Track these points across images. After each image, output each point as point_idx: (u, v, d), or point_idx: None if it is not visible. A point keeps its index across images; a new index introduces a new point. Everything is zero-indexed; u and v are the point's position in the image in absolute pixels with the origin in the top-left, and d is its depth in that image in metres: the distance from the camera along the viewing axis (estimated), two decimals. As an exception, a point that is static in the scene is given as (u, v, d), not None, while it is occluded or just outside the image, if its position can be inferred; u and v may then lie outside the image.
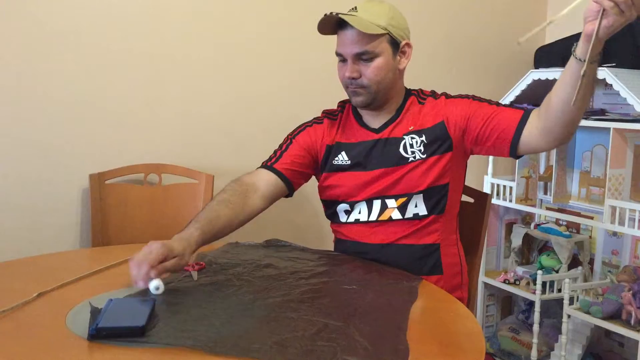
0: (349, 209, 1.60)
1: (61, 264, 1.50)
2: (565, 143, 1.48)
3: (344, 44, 1.51)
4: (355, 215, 1.59)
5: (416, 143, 1.54)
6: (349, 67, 1.51)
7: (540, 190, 2.55)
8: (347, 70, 1.51)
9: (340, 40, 1.52)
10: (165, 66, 2.04)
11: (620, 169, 2.14)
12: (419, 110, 1.59)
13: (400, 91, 1.61)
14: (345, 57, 1.52)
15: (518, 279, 2.48)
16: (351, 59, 1.50)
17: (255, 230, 2.15)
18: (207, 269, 1.41)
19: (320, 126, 1.65)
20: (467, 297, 1.65)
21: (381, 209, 1.56)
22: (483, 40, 2.67)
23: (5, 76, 1.82)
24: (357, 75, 1.51)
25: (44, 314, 1.14)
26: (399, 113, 1.59)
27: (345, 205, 1.60)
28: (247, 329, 1.06)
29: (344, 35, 1.50)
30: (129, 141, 2.01)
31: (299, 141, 1.64)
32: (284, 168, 1.60)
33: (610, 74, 2.12)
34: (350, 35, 1.49)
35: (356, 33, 1.47)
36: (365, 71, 1.51)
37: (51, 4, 1.85)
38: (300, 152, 1.62)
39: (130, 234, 1.94)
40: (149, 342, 1.00)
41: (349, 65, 1.51)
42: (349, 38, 1.49)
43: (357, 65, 1.51)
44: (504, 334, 2.60)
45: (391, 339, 1.03)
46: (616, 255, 2.37)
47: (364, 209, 1.58)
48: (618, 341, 2.37)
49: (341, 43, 1.52)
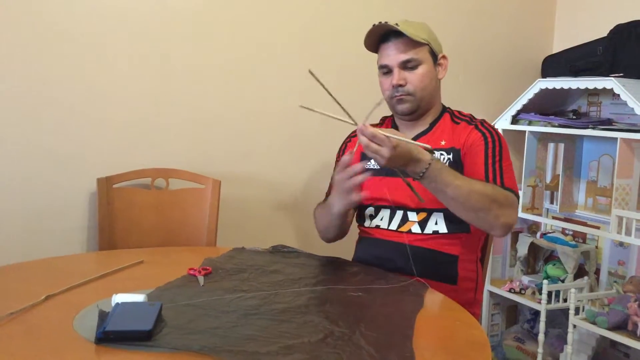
0: (373, 213, 1.66)
1: (69, 267, 1.51)
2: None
3: (389, 55, 1.60)
4: (377, 221, 1.64)
5: (443, 159, 1.58)
6: (396, 75, 1.59)
7: (546, 200, 2.55)
8: (394, 78, 1.59)
9: (385, 53, 1.61)
10: (174, 71, 2.05)
11: (627, 179, 2.14)
12: (452, 128, 1.64)
13: (438, 105, 1.69)
14: (391, 67, 1.60)
15: (524, 288, 2.47)
16: (397, 68, 1.59)
17: (262, 236, 2.16)
18: (213, 274, 1.42)
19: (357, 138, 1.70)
20: (479, 314, 1.66)
21: (402, 220, 1.60)
22: (490, 49, 2.67)
23: (13, 80, 1.83)
24: (404, 82, 1.59)
25: (51, 317, 1.15)
26: (432, 126, 1.66)
27: (371, 209, 1.66)
28: (254, 334, 1.06)
29: (389, 46, 1.60)
30: (136, 146, 2.02)
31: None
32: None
33: (618, 84, 2.12)
34: (396, 45, 1.59)
35: (402, 42, 1.58)
36: (410, 78, 1.59)
37: (61, 7, 1.87)
38: None
39: (137, 238, 1.95)
40: (156, 346, 1.00)
41: (396, 73, 1.59)
42: (395, 48, 1.59)
43: (403, 74, 1.59)
44: (509, 343, 2.59)
45: (397, 347, 1.03)
46: (622, 265, 2.36)
47: (386, 216, 1.63)
48: (624, 352, 2.36)
49: (386, 55, 1.61)
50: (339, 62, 2.26)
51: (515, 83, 2.67)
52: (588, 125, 2.31)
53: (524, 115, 2.49)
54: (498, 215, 1.44)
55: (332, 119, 1.38)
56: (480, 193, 1.43)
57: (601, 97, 2.51)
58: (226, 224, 2.08)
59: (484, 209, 1.43)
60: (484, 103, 2.67)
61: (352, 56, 2.16)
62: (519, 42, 2.74)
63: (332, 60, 2.27)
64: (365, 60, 1.76)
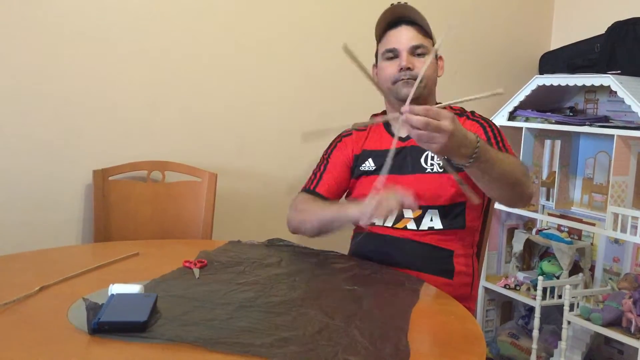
0: None
1: (63, 259, 1.50)
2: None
3: (399, 39, 1.60)
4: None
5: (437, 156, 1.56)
6: (405, 58, 1.59)
7: (542, 196, 2.55)
8: (403, 59, 1.58)
9: (394, 37, 1.61)
10: (171, 64, 2.05)
11: (623, 176, 2.14)
12: None
13: (433, 101, 1.67)
14: (399, 50, 1.59)
15: (519, 284, 2.48)
16: (406, 52, 1.59)
17: (257, 229, 2.16)
18: (208, 266, 1.42)
19: (349, 138, 1.72)
20: (474, 309, 1.66)
21: (397, 217, 1.59)
22: (488, 46, 2.67)
23: (10, 73, 1.82)
24: (412, 66, 1.58)
25: (45, 308, 1.14)
26: None
27: None
28: (249, 327, 1.06)
29: (400, 31, 1.61)
30: (133, 138, 2.01)
31: (334, 160, 1.71)
32: (327, 192, 1.67)
33: (615, 81, 2.12)
34: (407, 30, 1.60)
35: (414, 29, 1.60)
36: (418, 64, 1.59)
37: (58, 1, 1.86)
38: (337, 170, 1.69)
39: (132, 230, 1.94)
40: (151, 337, 1.00)
41: (404, 56, 1.58)
42: (406, 33, 1.60)
43: (411, 58, 1.59)
44: (503, 339, 2.60)
45: (392, 340, 1.03)
46: (617, 262, 2.37)
47: None
48: (618, 348, 2.36)
49: (395, 39, 1.61)
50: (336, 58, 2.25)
51: (512, 80, 2.67)
52: (585, 122, 2.32)
53: (521, 112, 2.49)
54: (529, 185, 1.44)
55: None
56: (516, 164, 1.41)
57: (598, 94, 2.51)
58: (222, 217, 2.08)
59: (519, 183, 1.39)
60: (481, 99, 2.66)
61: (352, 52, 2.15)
62: (517, 38, 2.74)
63: (330, 56, 2.26)
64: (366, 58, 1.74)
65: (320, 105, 2.27)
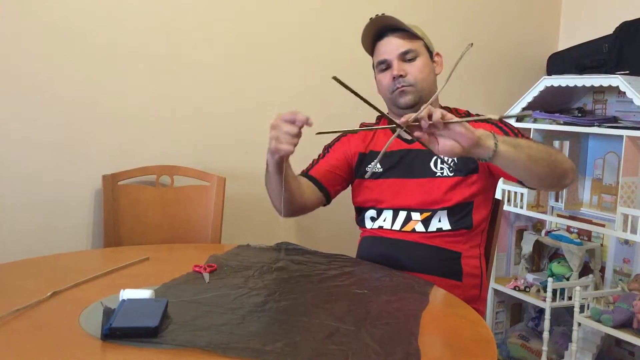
0: (375, 216, 1.65)
1: (74, 264, 1.51)
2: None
3: (387, 50, 1.61)
4: (380, 222, 1.63)
5: (447, 159, 1.57)
6: (396, 66, 1.59)
7: (551, 197, 2.54)
8: (394, 68, 1.59)
9: (383, 48, 1.62)
10: (179, 68, 2.06)
11: (632, 176, 2.13)
12: None
13: (435, 104, 1.63)
14: (389, 60, 1.61)
15: (528, 286, 2.47)
16: (396, 60, 1.60)
17: (266, 233, 2.16)
18: (218, 271, 1.42)
19: (354, 136, 1.72)
20: (484, 311, 1.66)
21: (405, 220, 1.59)
22: (495, 47, 2.67)
23: (19, 77, 1.83)
24: (404, 73, 1.58)
25: (57, 313, 1.15)
26: None
27: (372, 212, 1.65)
28: (259, 331, 1.06)
29: (386, 42, 1.61)
30: (142, 143, 2.02)
31: (334, 149, 1.72)
32: (319, 174, 1.67)
33: (624, 81, 2.11)
34: (393, 39, 1.60)
35: (398, 36, 1.60)
36: (410, 70, 1.59)
37: (67, 5, 1.87)
38: (335, 159, 1.69)
39: (142, 234, 1.95)
40: (162, 342, 1.00)
41: (395, 65, 1.59)
42: (393, 42, 1.60)
43: (402, 65, 1.59)
44: (513, 341, 2.59)
45: (403, 344, 1.03)
46: (627, 263, 2.36)
47: (389, 217, 1.62)
48: (629, 350, 2.35)
49: (383, 50, 1.62)
50: (343, 60, 2.26)
51: (520, 81, 2.66)
52: (593, 123, 2.31)
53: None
54: (564, 160, 1.39)
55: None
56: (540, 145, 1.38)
57: (607, 94, 2.50)
58: (231, 221, 2.08)
59: (553, 160, 1.35)
60: (489, 101, 2.66)
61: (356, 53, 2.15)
62: (525, 39, 2.73)
63: (337, 59, 2.27)
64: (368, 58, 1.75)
65: (328, 107, 2.26)
